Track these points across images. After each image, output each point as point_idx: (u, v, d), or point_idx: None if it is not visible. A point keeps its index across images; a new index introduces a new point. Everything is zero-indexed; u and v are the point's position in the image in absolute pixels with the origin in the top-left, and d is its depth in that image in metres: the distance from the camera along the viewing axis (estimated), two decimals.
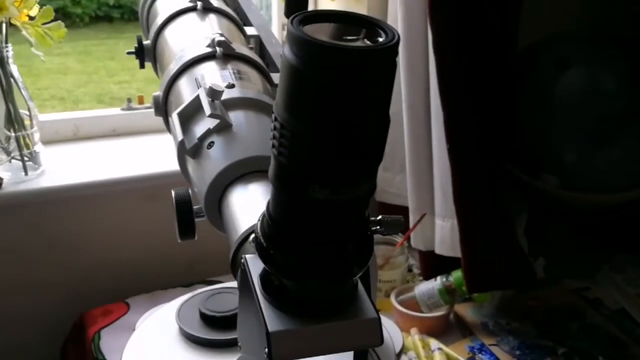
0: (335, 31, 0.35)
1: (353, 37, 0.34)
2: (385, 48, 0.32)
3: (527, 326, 0.93)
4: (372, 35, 0.34)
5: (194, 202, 0.55)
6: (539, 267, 0.98)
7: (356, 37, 0.34)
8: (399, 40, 0.33)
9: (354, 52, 0.32)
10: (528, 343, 0.89)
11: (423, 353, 0.85)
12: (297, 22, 0.33)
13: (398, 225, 0.39)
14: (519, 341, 0.90)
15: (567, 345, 0.89)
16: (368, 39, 0.34)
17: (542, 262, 1.01)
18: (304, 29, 0.33)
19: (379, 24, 0.34)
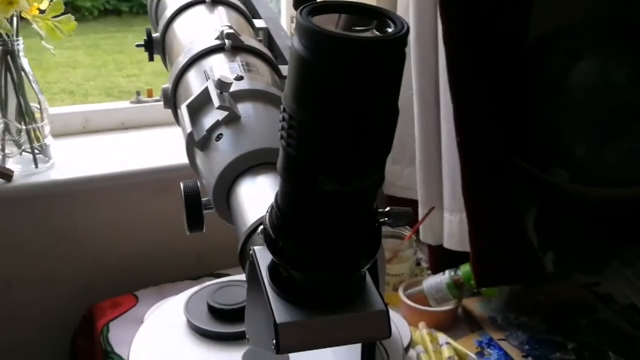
0: (344, 22, 0.35)
1: (362, 28, 0.34)
2: (394, 39, 0.32)
3: (536, 321, 0.93)
4: (382, 26, 0.34)
5: (203, 195, 0.55)
6: (548, 262, 0.97)
7: (365, 28, 0.34)
8: (408, 30, 0.33)
9: (363, 43, 0.31)
10: (537, 338, 0.89)
11: (431, 347, 0.85)
12: (306, 13, 0.33)
13: (406, 216, 0.39)
14: (528, 336, 0.89)
15: (577, 340, 0.88)
16: (377, 30, 0.34)
17: (552, 257, 1.00)
18: (312, 19, 0.33)
19: (388, 15, 0.34)
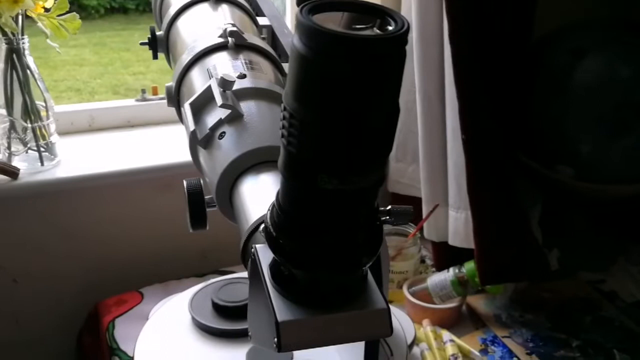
0: (346, 20, 0.35)
1: (363, 26, 0.34)
2: (394, 37, 0.32)
3: (541, 318, 0.92)
4: (382, 24, 0.34)
5: (206, 193, 0.55)
6: (553, 259, 0.97)
7: (366, 26, 0.34)
8: (409, 29, 0.33)
9: (363, 41, 0.31)
10: (541, 335, 0.89)
11: (435, 345, 0.85)
12: (307, 11, 0.33)
13: (407, 215, 0.39)
14: (532, 333, 0.89)
15: (581, 338, 0.88)
16: (378, 28, 0.34)
17: (557, 254, 1.00)
18: (313, 17, 0.33)
19: (388, 13, 0.34)
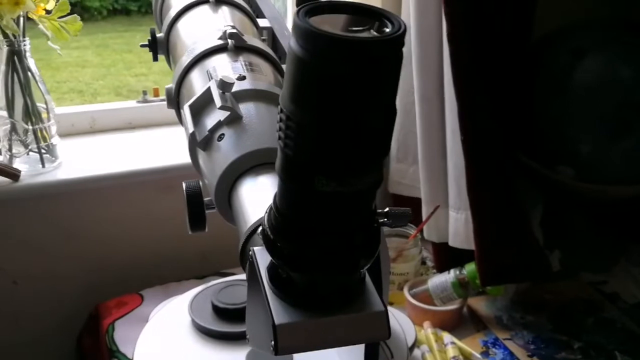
0: (344, 22, 0.35)
1: (359, 28, 0.34)
2: (391, 39, 0.32)
3: (542, 320, 0.92)
4: (379, 26, 0.34)
5: (205, 194, 0.55)
6: (554, 260, 0.97)
7: (363, 28, 0.34)
8: (405, 31, 0.33)
9: (359, 44, 0.31)
10: (543, 337, 0.88)
11: (436, 347, 0.84)
12: (303, 14, 0.33)
13: (405, 217, 0.39)
14: (534, 335, 0.89)
15: (583, 340, 0.88)
16: (376, 30, 0.34)
17: (558, 255, 0.99)
18: (311, 20, 0.33)
19: (385, 15, 0.34)
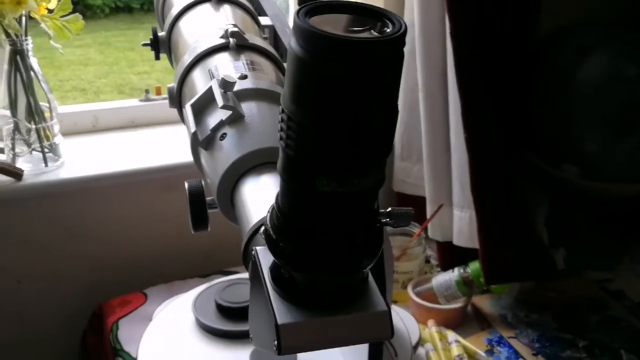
0: (345, 22, 0.35)
1: (360, 28, 0.34)
2: (391, 39, 0.32)
3: (547, 318, 0.92)
4: (380, 26, 0.34)
5: (207, 194, 0.55)
6: (559, 258, 0.96)
7: (363, 28, 0.34)
8: (406, 31, 0.32)
9: (359, 44, 0.31)
10: (548, 335, 0.88)
11: (440, 345, 0.84)
12: (303, 14, 0.33)
13: (408, 217, 0.39)
14: (539, 334, 0.89)
15: (588, 338, 0.87)
16: (376, 30, 0.34)
17: (563, 253, 0.99)
18: (311, 20, 0.33)
19: (386, 15, 0.34)
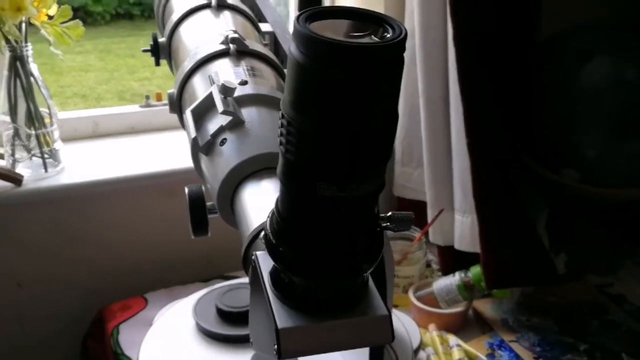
0: (346, 28, 0.35)
1: (360, 34, 0.34)
2: (391, 44, 0.32)
3: (548, 322, 0.92)
4: (381, 32, 0.34)
5: (207, 199, 0.55)
6: (560, 263, 0.96)
7: (364, 34, 0.34)
8: (406, 36, 0.32)
9: (359, 49, 0.31)
10: (549, 339, 0.88)
11: (441, 349, 0.84)
12: (304, 19, 0.33)
13: (408, 221, 0.39)
14: (540, 337, 0.88)
15: (589, 342, 0.87)
16: (376, 36, 0.34)
17: (564, 258, 0.99)
18: (311, 25, 0.33)
19: (386, 20, 0.34)
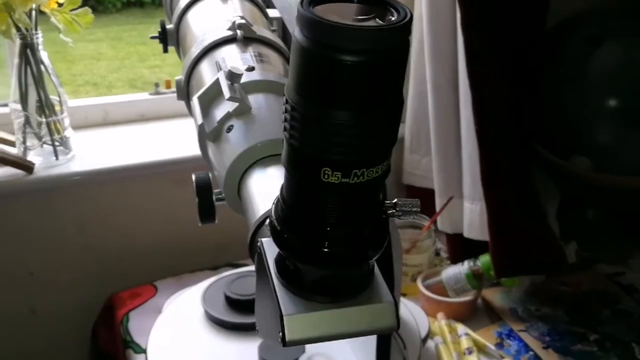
0: (350, 11, 0.34)
1: (364, 17, 0.33)
2: (396, 27, 0.31)
3: (558, 312, 0.91)
4: (386, 15, 0.33)
5: (215, 186, 0.55)
6: (570, 252, 0.96)
7: (368, 17, 0.34)
8: (412, 19, 0.32)
9: (363, 32, 0.31)
10: (558, 329, 0.88)
11: (450, 338, 0.84)
12: (307, 3, 0.32)
13: (414, 207, 0.39)
14: (549, 327, 0.88)
15: (599, 332, 0.87)
16: (381, 19, 0.33)
17: (574, 247, 0.99)
18: (315, 9, 0.32)
19: (391, 3, 0.33)
